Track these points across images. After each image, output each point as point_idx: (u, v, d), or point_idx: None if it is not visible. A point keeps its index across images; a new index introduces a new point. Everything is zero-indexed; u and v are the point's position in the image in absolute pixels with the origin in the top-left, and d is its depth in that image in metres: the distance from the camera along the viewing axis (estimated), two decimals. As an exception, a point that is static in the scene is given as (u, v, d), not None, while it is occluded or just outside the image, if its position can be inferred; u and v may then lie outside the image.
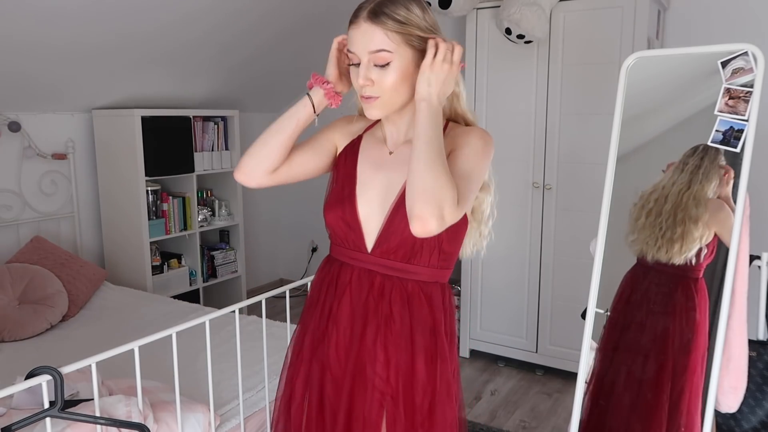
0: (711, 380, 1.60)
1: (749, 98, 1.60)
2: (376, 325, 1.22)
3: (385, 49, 1.13)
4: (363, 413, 1.23)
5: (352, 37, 1.17)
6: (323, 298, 1.30)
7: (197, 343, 2.16)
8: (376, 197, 1.23)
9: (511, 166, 3.16)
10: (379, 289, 1.23)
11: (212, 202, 3.87)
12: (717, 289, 1.64)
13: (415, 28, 1.15)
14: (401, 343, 1.22)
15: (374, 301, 1.23)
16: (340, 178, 1.29)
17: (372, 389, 1.23)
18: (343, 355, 1.25)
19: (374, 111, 1.20)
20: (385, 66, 1.15)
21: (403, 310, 1.22)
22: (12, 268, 2.79)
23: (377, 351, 1.22)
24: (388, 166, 1.25)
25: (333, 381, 1.26)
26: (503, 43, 3.04)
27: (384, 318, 1.22)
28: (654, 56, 1.88)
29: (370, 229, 1.23)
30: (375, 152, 1.29)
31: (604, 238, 1.82)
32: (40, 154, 3.17)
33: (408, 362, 1.22)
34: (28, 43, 2.63)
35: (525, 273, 3.20)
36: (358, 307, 1.24)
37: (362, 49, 1.15)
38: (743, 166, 1.60)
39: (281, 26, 3.43)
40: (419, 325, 1.23)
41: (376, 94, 1.17)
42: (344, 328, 1.25)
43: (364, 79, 1.15)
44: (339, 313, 1.25)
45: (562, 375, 3.17)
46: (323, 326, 1.28)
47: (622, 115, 1.81)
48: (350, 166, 1.29)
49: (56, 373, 1.28)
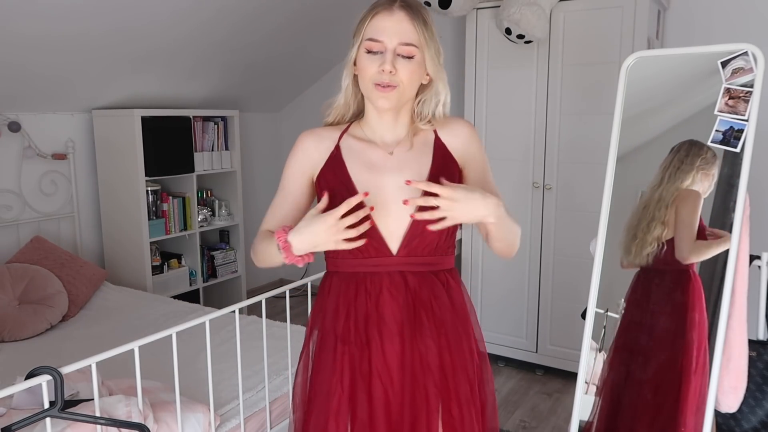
0: (711, 380, 1.60)
1: (749, 98, 1.60)
2: (426, 325, 1.23)
3: (414, 44, 1.18)
4: (426, 418, 1.22)
5: (380, 24, 1.18)
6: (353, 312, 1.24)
7: (197, 343, 2.16)
8: (388, 199, 1.21)
9: (511, 166, 3.16)
10: (416, 287, 1.23)
11: (212, 202, 3.87)
12: (717, 289, 1.64)
13: (433, 32, 1.22)
14: (452, 334, 1.25)
15: (413, 300, 1.23)
16: (335, 190, 1.22)
17: (434, 395, 1.23)
18: (398, 363, 1.22)
19: (387, 102, 1.21)
20: (410, 59, 1.19)
21: (444, 300, 1.25)
22: (12, 268, 2.79)
23: (432, 351, 1.23)
24: (392, 168, 1.25)
25: (390, 390, 1.22)
26: (503, 43, 3.04)
27: (431, 314, 1.23)
28: (654, 56, 1.88)
29: (390, 231, 1.22)
30: (366, 154, 1.27)
31: (604, 238, 1.82)
32: (40, 154, 3.17)
33: (461, 351, 1.26)
34: (28, 43, 2.63)
35: (525, 273, 3.20)
36: (402, 312, 1.22)
37: (393, 37, 1.17)
38: (743, 166, 1.60)
39: (281, 26, 3.43)
40: (460, 311, 1.28)
41: (394, 83, 1.18)
42: (391, 336, 1.21)
43: (391, 66, 1.17)
44: (382, 321, 1.22)
45: (562, 375, 3.17)
46: (362, 338, 1.23)
47: (622, 115, 1.81)
48: (342, 175, 1.25)
49: (56, 373, 1.28)
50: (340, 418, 1.23)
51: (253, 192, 4.45)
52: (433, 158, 1.27)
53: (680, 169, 1.73)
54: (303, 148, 1.30)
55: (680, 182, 1.73)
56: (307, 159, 1.29)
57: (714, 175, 1.70)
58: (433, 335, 1.23)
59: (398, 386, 1.22)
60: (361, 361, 1.23)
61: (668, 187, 1.74)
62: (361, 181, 1.23)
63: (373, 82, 1.19)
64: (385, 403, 1.22)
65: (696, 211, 1.71)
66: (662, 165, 1.77)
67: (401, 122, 1.28)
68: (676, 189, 1.73)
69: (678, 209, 1.72)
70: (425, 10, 1.22)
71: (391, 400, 1.22)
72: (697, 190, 1.72)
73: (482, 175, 1.30)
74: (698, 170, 1.71)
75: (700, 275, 1.71)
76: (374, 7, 1.21)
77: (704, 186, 1.71)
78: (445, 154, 1.28)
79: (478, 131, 3.23)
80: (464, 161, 1.30)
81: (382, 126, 1.28)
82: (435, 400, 1.23)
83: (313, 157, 1.29)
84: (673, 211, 1.74)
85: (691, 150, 1.72)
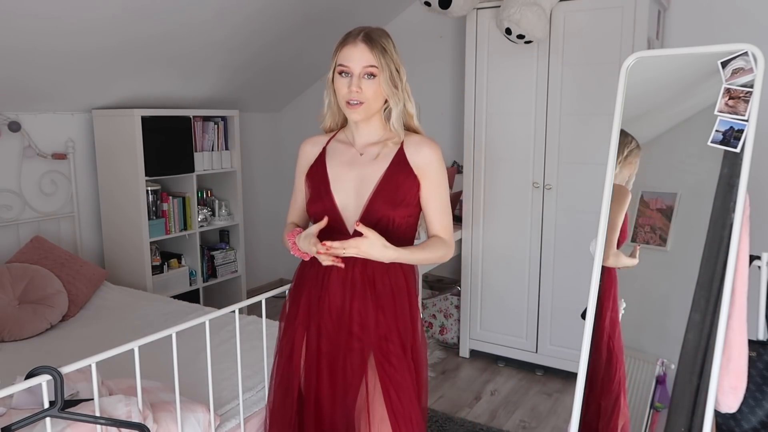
0: (711, 380, 1.60)
1: (749, 98, 1.60)
2: (362, 291, 1.54)
3: (374, 65, 1.50)
4: (350, 362, 1.54)
5: (348, 53, 1.50)
6: (314, 275, 1.59)
7: (197, 343, 2.16)
8: (351, 189, 1.56)
9: (511, 166, 3.16)
10: (363, 262, 1.52)
11: (212, 202, 3.87)
12: (717, 289, 1.64)
13: (390, 57, 1.53)
14: (385, 303, 1.55)
15: (359, 273, 1.54)
16: (315, 181, 1.61)
17: (358, 343, 1.54)
18: (335, 318, 1.55)
19: (357, 115, 1.53)
20: (372, 78, 1.50)
21: (384, 276, 1.55)
22: (12, 268, 2.79)
23: (365, 312, 1.54)
24: (360, 165, 1.58)
25: (327, 337, 1.56)
26: (503, 43, 3.04)
27: (369, 284, 1.54)
28: (654, 56, 1.87)
29: (348, 215, 1.56)
30: (344, 154, 1.61)
31: (604, 238, 1.82)
32: (40, 154, 3.17)
33: (392, 318, 1.55)
34: (28, 43, 2.63)
35: (525, 273, 3.20)
36: (346, 279, 1.54)
37: (357, 63, 1.50)
38: (743, 166, 1.60)
39: (281, 26, 3.43)
40: (397, 289, 1.57)
41: (362, 100, 1.51)
42: (335, 296, 1.55)
43: (356, 87, 1.49)
44: (329, 283, 1.56)
45: (562, 375, 3.17)
46: (316, 296, 1.58)
47: (622, 115, 1.81)
48: (320, 170, 1.61)
49: (56, 373, 1.28)
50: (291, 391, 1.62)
51: (253, 192, 4.45)
52: (390, 164, 1.56)
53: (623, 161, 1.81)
54: (303, 153, 1.69)
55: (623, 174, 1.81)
56: (305, 162, 1.68)
57: (636, 164, 1.79)
58: (370, 305, 1.54)
59: (333, 337, 1.56)
60: (314, 315, 1.59)
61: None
62: (334, 174, 1.59)
63: (345, 100, 1.52)
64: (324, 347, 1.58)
65: (617, 209, 1.80)
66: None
67: (372, 128, 1.60)
68: (620, 182, 1.81)
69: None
70: (385, 39, 1.53)
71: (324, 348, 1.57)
72: (619, 183, 1.80)
73: (431, 194, 1.58)
74: (624, 162, 1.79)
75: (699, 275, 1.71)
76: (344, 38, 1.53)
77: (624, 175, 1.81)
78: (402, 163, 1.56)
79: (479, 131, 3.24)
80: (420, 175, 1.57)
81: (357, 131, 1.61)
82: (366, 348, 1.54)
83: (309, 159, 1.67)
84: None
85: (622, 141, 1.79)
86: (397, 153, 1.57)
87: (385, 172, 1.56)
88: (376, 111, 1.56)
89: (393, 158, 1.57)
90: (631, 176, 1.81)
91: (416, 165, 1.56)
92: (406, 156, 1.57)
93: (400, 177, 1.55)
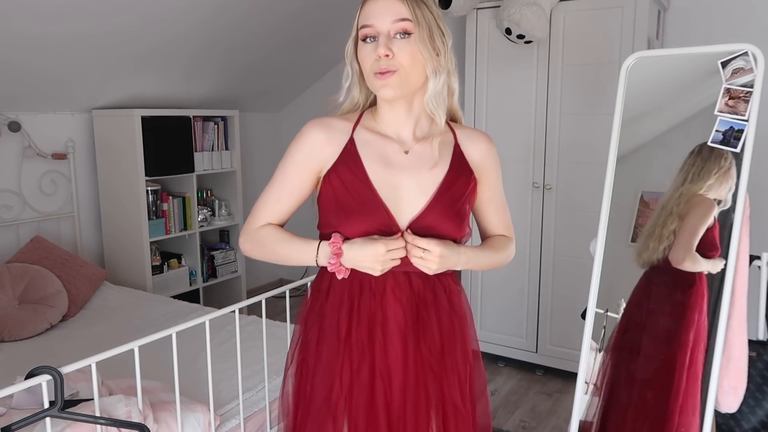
0: (711, 380, 1.60)
1: (749, 98, 1.60)
2: (428, 328, 1.22)
3: (408, 18, 1.12)
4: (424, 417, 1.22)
5: (370, 8, 1.14)
6: (357, 311, 1.21)
7: (197, 343, 2.16)
8: (404, 199, 1.19)
9: (511, 166, 3.15)
10: (420, 289, 1.21)
11: (212, 202, 3.87)
12: (717, 289, 1.64)
13: (429, 10, 1.16)
14: (448, 337, 1.24)
15: (416, 302, 1.21)
16: (351, 186, 1.18)
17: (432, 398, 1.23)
18: (401, 366, 1.20)
19: (389, 90, 1.14)
20: (407, 37, 1.13)
21: (445, 304, 1.24)
22: (12, 268, 2.79)
23: (433, 354, 1.22)
24: (408, 167, 1.20)
25: (389, 392, 1.21)
26: (503, 43, 3.04)
27: (433, 317, 1.23)
28: (654, 56, 1.88)
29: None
30: (381, 149, 1.21)
31: (604, 238, 1.82)
32: (40, 154, 3.17)
33: (454, 354, 1.25)
34: (28, 43, 2.63)
35: (525, 273, 3.20)
36: (406, 312, 1.20)
37: (384, 17, 1.12)
38: (743, 166, 1.60)
39: (282, 26, 3.43)
40: (459, 314, 1.27)
41: (393, 67, 1.12)
42: (394, 338, 1.20)
43: (385, 48, 1.11)
44: (385, 323, 1.20)
45: (562, 375, 3.17)
46: (363, 339, 1.20)
47: (622, 115, 1.81)
48: (358, 172, 1.19)
49: (56, 373, 1.28)
50: (337, 421, 1.21)
51: (253, 192, 4.45)
52: (450, 165, 1.22)
53: (704, 168, 1.69)
54: (312, 140, 1.22)
55: (702, 183, 1.70)
56: (317, 153, 1.22)
57: (732, 181, 1.66)
58: (434, 338, 1.22)
59: (399, 389, 1.21)
60: (361, 362, 1.20)
61: (690, 187, 1.70)
62: (377, 178, 1.18)
63: (372, 72, 1.14)
64: (385, 404, 1.21)
65: (703, 219, 1.68)
66: (682, 167, 1.73)
67: (415, 115, 1.22)
68: (698, 189, 1.71)
69: (689, 212, 1.71)
70: None
71: (391, 402, 1.21)
72: (712, 198, 1.69)
73: (493, 193, 1.32)
74: (716, 177, 1.68)
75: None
76: None
77: (720, 193, 1.68)
78: (462, 163, 1.24)
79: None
80: (479, 174, 1.27)
81: (395, 119, 1.22)
82: (430, 403, 1.23)
83: (324, 151, 1.21)
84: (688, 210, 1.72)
85: (712, 153, 1.68)
86: (455, 150, 1.25)
87: (445, 177, 1.21)
88: (416, 85, 1.17)
89: (451, 160, 1.23)
90: (728, 192, 1.67)
91: (475, 163, 1.26)
92: (463, 152, 1.25)
93: (460, 182, 1.22)
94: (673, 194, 1.75)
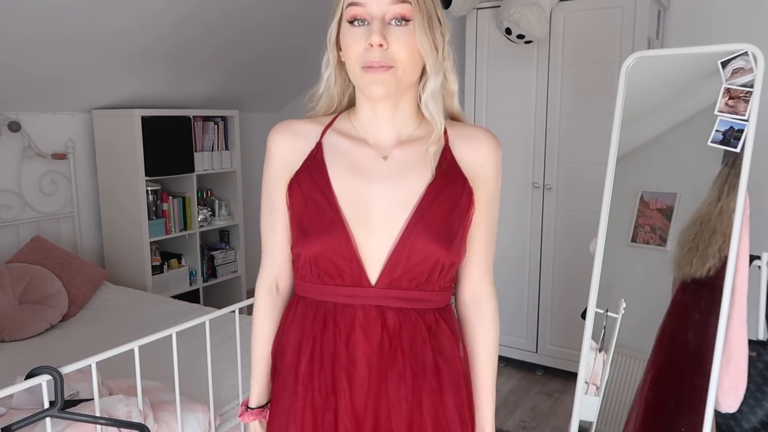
0: (711, 380, 1.60)
1: (749, 98, 1.60)
2: (398, 375, 0.98)
3: (407, 1, 0.91)
4: None
5: None
6: (318, 351, 1.00)
7: (197, 343, 2.16)
8: (374, 215, 0.96)
9: (511, 166, 3.15)
10: (395, 327, 0.98)
11: (212, 202, 3.87)
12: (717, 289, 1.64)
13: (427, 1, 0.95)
14: (429, 386, 0.99)
15: (390, 344, 0.97)
16: (310, 198, 0.98)
17: None
18: (362, 414, 0.98)
19: (381, 88, 0.92)
20: (404, 24, 0.91)
21: (425, 346, 0.99)
22: (12, 268, 2.79)
23: (403, 403, 0.98)
24: (384, 177, 0.98)
25: None
26: (503, 43, 3.04)
27: (407, 363, 0.98)
28: (654, 56, 1.88)
29: (372, 257, 0.97)
30: (353, 156, 1.00)
31: (604, 238, 1.82)
32: (40, 154, 3.17)
33: (439, 407, 1.00)
34: (27, 43, 2.63)
35: (525, 273, 3.20)
36: (374, 354, 0.97)
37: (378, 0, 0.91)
38: (743, 166, 1.60)
39: (282, 26, 3.43)
40: (445, 361, 1.01)
41: (389, 63, 0.91)
42: (360, 383, 0.98)
43: (380, 37, 0.89)
44: (352, 367, 0.98)
45: (562, 375, 3.17)
46: (328, 383, 0.99)
47: (622, 115, 1.81)
48: (320, 181, 0.98)
49: (56, 373, 1.28)
50: None
51: (253, 192, 4.45)
52: (436, 171, 0.98)
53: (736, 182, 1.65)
54: (278, 149, 1.04)
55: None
56: (286, 161, 1.03)
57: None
58: (408, 388, 0.98)
59: None
60: (325, 411, 0.99)
61: (728, 203, 1.65)
62: (343, 190, 0.97)
63: (360, 64, 0.92)
64: None
65: None
66: (716, 179, 1.69)
67: (401, 116, 1.00)
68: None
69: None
70: None
71: None
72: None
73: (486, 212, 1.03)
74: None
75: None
76: None
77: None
78: (452, 167, 1.00)
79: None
80: (475, 184, 1.01)
81: (376, 121, 1.00)
82: None
83: (289, 159, 1.03)
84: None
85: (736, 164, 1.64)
86: (443, 153, 1.00)
87: (428, 186, 0.97)
88: (410, 84, 0.97)
89: (438, 162, 0.99)
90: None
91: (469, 167, 1.01)
92: (454, 155, 1.01)
93: (449, 191, 0.98)
94: (711, 209, 1.70)
